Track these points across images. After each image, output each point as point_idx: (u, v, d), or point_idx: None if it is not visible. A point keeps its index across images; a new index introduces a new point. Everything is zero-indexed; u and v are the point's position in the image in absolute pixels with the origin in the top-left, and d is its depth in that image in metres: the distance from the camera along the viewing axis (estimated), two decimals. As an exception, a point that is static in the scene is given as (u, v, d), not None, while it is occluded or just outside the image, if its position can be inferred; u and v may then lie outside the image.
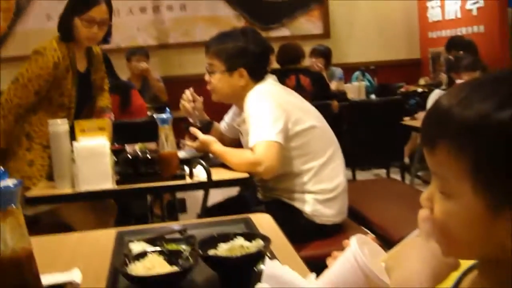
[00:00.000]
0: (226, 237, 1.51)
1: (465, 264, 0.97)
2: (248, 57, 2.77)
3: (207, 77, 2.85)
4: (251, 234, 1.56)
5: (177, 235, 1.72)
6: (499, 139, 0.75)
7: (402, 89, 6.59)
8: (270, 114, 2.59)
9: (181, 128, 2.98)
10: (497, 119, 0.75)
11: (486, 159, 0.76)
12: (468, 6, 6.44)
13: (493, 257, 0.83)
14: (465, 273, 0.95)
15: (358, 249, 0.98)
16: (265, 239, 1.48)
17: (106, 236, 1.82)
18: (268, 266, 1.03)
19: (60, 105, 3.10)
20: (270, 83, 2.82)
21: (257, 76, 2.80)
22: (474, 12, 6.35)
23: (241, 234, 1.52)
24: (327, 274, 1.04)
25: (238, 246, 1.46)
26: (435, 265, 0.84)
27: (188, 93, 3.04)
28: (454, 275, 0.96)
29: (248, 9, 7.33)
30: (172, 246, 1.59)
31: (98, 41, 3.26)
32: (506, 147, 0.75)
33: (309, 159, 2.70)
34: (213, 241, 1.50)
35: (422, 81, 6.91)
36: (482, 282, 0.88)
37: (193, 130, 2.79)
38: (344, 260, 1.01)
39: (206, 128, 2.88)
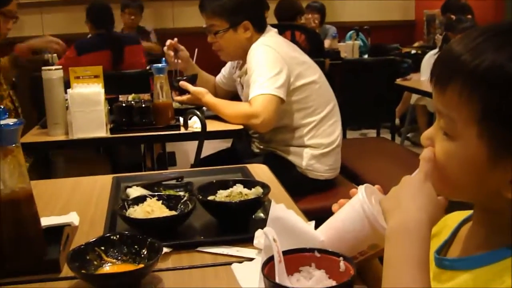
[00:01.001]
0: (225, 184, 1.51)
1: (461, 215, 0.98)
2: (248, 7, 2.73)
3: (210, 38, 2.81)
4: (250, 181, 1.56)
5: (174, 182, 1.72)
6: (508, 90, 0.75)
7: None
8: (273, 67, 2.57)
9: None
10: (509, 71, 0.76)
11: (496, 107, 0.77)
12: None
13: (486, 204, 0.84)
14: (461, 224, 0.96)
15: (366, 198, 0.98)
16: (265, 186, 1.48)
17: (103, 182, 1.82)
18: (273, 209, 1.02)
19: None
20: (273, 36, 2.79)
21: (261, 26, 2.77)
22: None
23: (240, 182, 1.52)
24: (332, 220, 1.04)
25: (237, 193, 1.46)
26: (430, 207, 0.84)
27: (168, 43, 2.97)
28: (451, 226, 0.97)
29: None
30: (170, 192, 1.59)
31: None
32: None
33: (309, 113, 2.70)
34: (212, 187, 1.50)
35: (416, 44, 6.89)
36: (477, 230, 0.89)
37: (183, 83, 2.75)
38: (350, 208, 1.01)
39: (192, 81, 2.84)
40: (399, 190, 0.89)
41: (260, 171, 1.91)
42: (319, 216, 1.53)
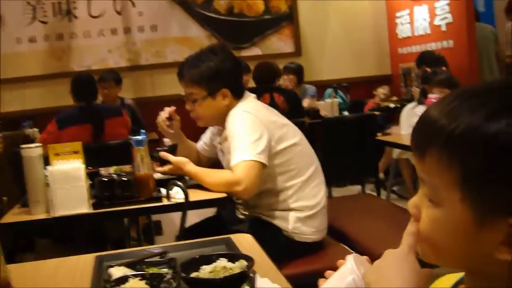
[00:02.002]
0: (209, 259, 1.48)
1: (453, 278, 0.97)
2: (226, 75, 2.74)
3: (188, 106, 2.81)
4: (234, 255, 1.53)
5: (157, 258, 1.69)
6: (487, 151, 0.75)
7: (369, 104, 6.65)
8: (253, 133, 2.57)
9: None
10: (486, 131, 0.75)
11: (475, 170, 0.76)
12: (437, 22, 6.53)
13: (478, 268, 0.83)
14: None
15: (356, 268, 0.96)
16: (249, 259, 1.46)
17: (84, 261, 1.78)
18: (258, 284, 1.00)
19: None
20: (251, 101, 2.81)
21: (239, 92, 2.79)
22: (443, 28, 6.44)
23: (224, 255, 1.50)
24: None
25: (221, 268, 1.43)
26: (414, 279, 0.84)
27: (165, 112, 2.98)
28: None
29: (219, 29, 7.33)
30: (153, 270, 1.56)
31: None
32: (494, 159, 0.74)
33: (292, 176, 2.70)
34: (195, 263, 1.47)
35: (394, 98, 6.97)
36: None
37: (163, 154, 2.74)
38: (340, 279, 0.99)
39: (172, 151, 2.84)
40: (383, 264, 0.88)
41: (245, 241, 1.89)
42: (308, 281, 1.52)
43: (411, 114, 4.71)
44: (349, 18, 7.75)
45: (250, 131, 2.58)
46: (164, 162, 2.73)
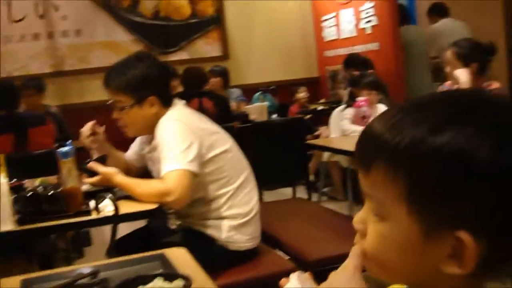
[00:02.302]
0: (144, 279, 1.43)
1: None
2: (153, 82, 2.68)
3: (115, 114, 2.73)
4: (170, 274, 1.48)
5: (89, 279, 1.62)
6: (431, 165, 0.74)
7: (292, 110, 6.71)
8: (183, 141, 2.52)
9: (84, 158, 2.85)
10: (430, 144, 0.74)
11: (420, 183, 0.75)
12: (363, 24, 6.64)
13: (427, 282, 0.81)
14: None
15: (300, 286, 0.94)
16: (186, 278, 1.41)
17: (10, 286, 1.69)
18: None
19: None
20: (181, 108, 2.75)
21: (167, 100, 2.72)
22: (369, 31, 6.55)
23: (160, 275, 1.45)
24: None
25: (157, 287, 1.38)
26: None
27: (86, 128, 2.90)
28: None
29: (145, 34, 7.21)
30: (85, 292, 1.49)
31: None
32: (439, 172, 0.73)
33: (223, 184, 2.66)
34: (131, 284, 1.41)
35: (322, 100, 7.06)
36: None
37: (92, 164, 2.66)
38: None
39: (101, 162, 2.77)
40: (329, 286, 0.86)
41: (179, 255, 1.83)
42: None
43: (340, 116, 4.75)
44: (276, 21, 7.78)
45: (180, 139, 2.53)
46: (93, 173, 2.65)
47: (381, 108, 4.42)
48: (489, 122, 0.75)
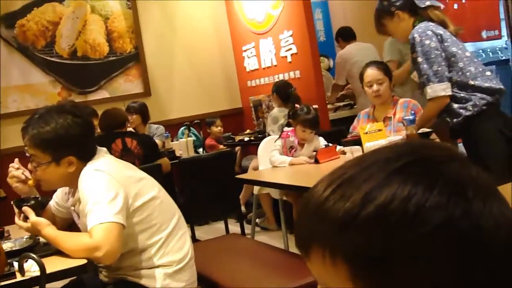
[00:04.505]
0: None
1: None
2: (75, 141, 2.53)
3: (31, 167, 2.60)
4: None
5: None
6: (369, 237, 0.67)
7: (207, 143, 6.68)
8: (107, 192, 2.40)
9: (7, 210, 2.70)
10: (363, 215, 0.67)
11: (360, 260, 0.67)
12: (283, 53, 6.69)
13: None
14: None
15: None
16: None
17: None
18: None
19: None
20: (102, 158, 2.60)
21: (87, 157, 2.58)
22: (289, 59, 6.60)
23: None
24: None
25: None
26: None
27: (13, 167, 2.75)
28: None
29: (63, 74, 7.01)
30: None
31: None
32: (379, 244, 0.66)
33: (154, 232, 2.56)
34: None
35: (248, 130, 7.05)
36: None
37: (26, 209, 2.53)
38: None
39: (41, 205, 2.63)
40: None
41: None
42: None
43: (269, 147, 4.72)
44: (196, 54, 7.74)
45: (104, 190, 2.41)
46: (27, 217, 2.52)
47: (320, 141, 4.45)
48: (432, 177, 0.69)
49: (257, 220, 5.96)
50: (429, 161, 0.72)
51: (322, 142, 4.45)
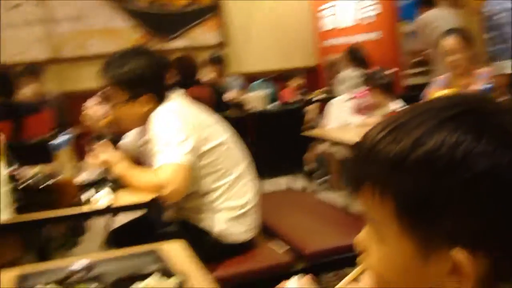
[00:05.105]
0: (141, 275, 1.42)
1: None
2: (151, 80, 2.63)
3: (109, 105, 2.72)
4: (166, 270, 1.47)
5: (85, 273, 1.61)
6: (416, 179, 0.71)
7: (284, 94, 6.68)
8: (178, 134, 2.48)
9: (83, 145, 2.83)
10: (413, 158, 0.71)
11: (407, 200, 0.72)
12: (361, 14, 6.61)
13: None
14: None
15: None
16: (181, 275, 1.40)
17: (5, 280, 1.67)
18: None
19: None
20: (176, 101, 2.69)
21: (162, 97, 2.67)
22: (368, 20, 6.52)
23: (156, 271, 1.44)
24: None
25: (153, 285, 1.37)
26: None
27: (90, 105, 2.88)
28: None
29: (143, 21, 7.17)
30: (81, 287, 1.48)
31: None
32: (426, 187, 0.71)
33: (218, 176, 2.63)
34: (127, 280, 1.41)
35: (321, 89, 7.03)
36: None
37: (100, 145, 2.65)
38: None
39: (114, 144, 2.75)
40: None
41: (176, 249, 1.83)
42: (242, 281, 1.50)
43: (340, 107, 4.73)
44: (274, 9, 7.74)
45: (175, 132, 2.49)
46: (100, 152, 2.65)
47: (396, 104, 4.40)
48: (482, 127, 0.71)
49: (321, 179, 6.00)
50: (480, 112, 0.74)
51: (396, 105, 4.40)
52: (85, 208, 2.39)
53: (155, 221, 2.85)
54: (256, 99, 6.14)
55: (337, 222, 3.30)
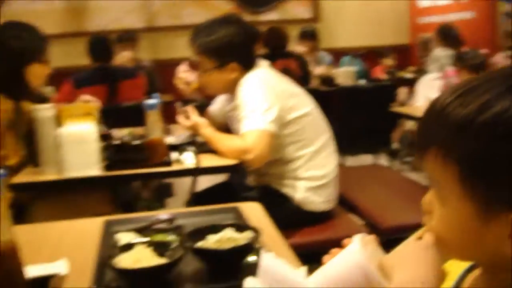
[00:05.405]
0: (215, 228, 1.49)
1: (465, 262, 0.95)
2: (238, 49, 2.70)
3: (198, 73, 2.81)
4: (241, 225, 1.54)
5: (165, 225, 1.69)
6: (482, 142, 0.73)
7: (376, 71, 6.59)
8: (264, 101, 2.54)
9: (171, 112, 2.94)
10: (479, 121, 0.74)
11: (471, 163, 0.75)
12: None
13: (489, 262, 0.82)
14: (467, 271, 0.93)
15: (361, 249, 0.94)
16: (255, 230, 1.46)
17: (93, 225, 1.79)
18: (264, 261, 0.99)
19: None
20: (263, 69, 2.75)
21: (249, 65, 2.73)
22: (465, -1, 6.34)
23: (231, 225, 1.50)
24: (325, 272, 0.99)
25: (227, 238, 1.44)
26: (434, 274, 0.83)
27: (182, 70, 2.98)
28: (456, 273, 0.94)
29: (237, -8, 7.25)
30: (160, 237, 1.57)
31: None
32: (490, 151, 0.73)
33: (302, 146, 2.68)
34: (202, 232, 1.47)
35: (412, 68, 6.91)
36: (484, 282, 0.86)
37: (189, 109, 2.74)
38: (345, 259, 0.96)
39: (202, 109, 2.84)
40: (405, 251, 0.88)
41: (253, 210, 1.89)
42: (315, 250, 1.53)
43: (429, 85, 4.65)
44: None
45: (261, 100, 2.56)
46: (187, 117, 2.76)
47: None
48: None
49: (407, 158, 5.93)
50: None
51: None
52: (174, 167, 2.49)
53: (238, 186, 2.93)
54: (346, 74, 6.10)
55: (417, 199, 3.26)
